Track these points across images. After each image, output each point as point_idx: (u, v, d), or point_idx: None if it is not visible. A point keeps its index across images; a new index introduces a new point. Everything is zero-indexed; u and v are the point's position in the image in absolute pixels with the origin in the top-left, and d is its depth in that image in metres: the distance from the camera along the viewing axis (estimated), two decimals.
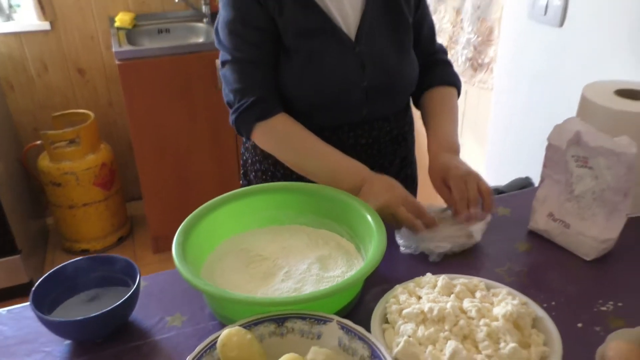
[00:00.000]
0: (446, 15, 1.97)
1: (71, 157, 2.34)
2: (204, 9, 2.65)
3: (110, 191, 2.50)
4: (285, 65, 1.04)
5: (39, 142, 2.40)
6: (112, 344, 0.80)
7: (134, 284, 0.81)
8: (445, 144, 1.05)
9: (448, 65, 1.17)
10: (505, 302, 0.72)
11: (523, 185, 1.35)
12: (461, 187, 0.98)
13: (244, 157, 1.26)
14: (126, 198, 2.80)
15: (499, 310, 0.71)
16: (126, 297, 0.78)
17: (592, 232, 0.95)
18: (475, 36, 1.80)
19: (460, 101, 1.98)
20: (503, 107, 1.66)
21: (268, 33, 1.03)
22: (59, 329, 0.77)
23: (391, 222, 0.94)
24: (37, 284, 0.81)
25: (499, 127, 1.71)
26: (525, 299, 0.76)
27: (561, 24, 1.35)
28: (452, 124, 1.10)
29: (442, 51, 1.18)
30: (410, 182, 1.26)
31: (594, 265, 0.95)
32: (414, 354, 0.67)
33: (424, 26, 1.13)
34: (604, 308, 0.85)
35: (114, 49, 2.22)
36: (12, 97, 2.54)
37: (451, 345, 0.66)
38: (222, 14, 1.06)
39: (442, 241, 0.95)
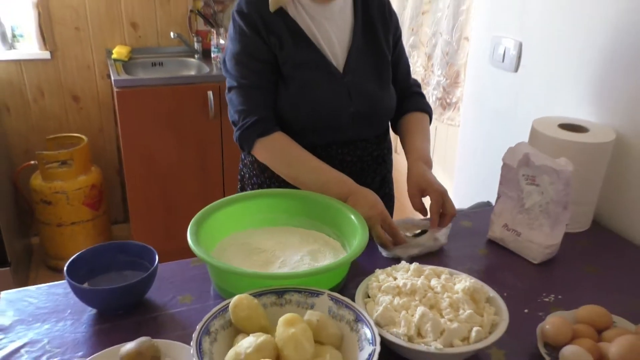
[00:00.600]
0: (419, 60, 2.21)
1: (63, 177, 2.45)
2: (196, 45, 2.85)
3: (98, 212, 2.60)
4: (283, 91, 1.22)
5: (32, 162, 2.50)
6: (132, 315, 0.92)
7: (152, 266, 0.95)
8: (422, 157, 1.23)
9: (421, 96, 1.37)
10: (465, 280, 0.89)
11: (484, 207, 1.54)
12: (439, 202, 1.15)
13: (242, 173, 1.41)
14: (111, 221, 2.89)
15: (459, 286, 0.87)
16: (147, 273, 0.92)
17: (539, 240, 1.13)
18: (444, 79, 2.03)
19: (431, 137, 2.20)
20: (468, 142, 1.87)
21: (269, 64, 1.21)
22: (89, 296, 0.90)
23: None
24: (69, 261, 0.94)
25: (464, 159, 1.91)
26: (481, 283, 0.92)
27: (516, 69, 1.58)
28: (427, 142, 1.29)
29: (417, 85, 1.39)
30: (388, 200, 1.43)
31: (540, 267, 1.13)
32: (390, 318, 0.82)
33: (400, 64, 1.33)
34: (546, 299, 1.03)
35: (112, 78, 2.38)
36: (7, 120, 2.65)
37: (420, 309, 0.81)
38: (230, 47, 1.24)
39: (413, 247, 1.13)
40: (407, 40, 2.23)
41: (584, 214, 1.30)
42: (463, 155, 1.92)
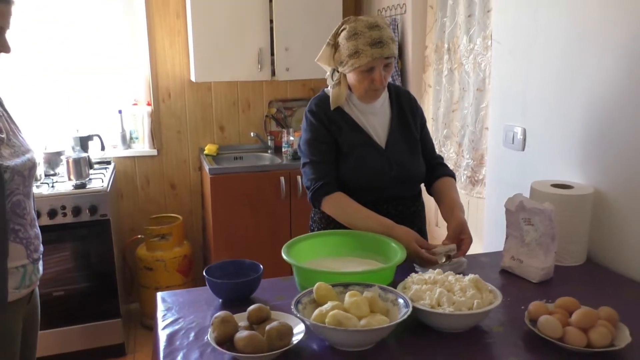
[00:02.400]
0: (452, 148, 2.71)
1: (163, 248, 3.02)
2: (270, 142, 3.50)
3: (187, 278, 3.12)
4: (343, 164, 1.72)
5: (140, 236, 3.10)
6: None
7: (258, 273, 1.42)
8: (461, 209, 1.68)
9: (446, 166, 1.85)
10: (471, 275, 1.31)
11: None
12: (469, 244, 1.60)
13: (312, 228, 1.89)
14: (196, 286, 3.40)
15: (467, 278, 1.29)
16: (257, 275, 1.40)
17: (536, 264, 1.53)
18: (472, 161, 2.50)
19: (465, 209, 2.61)
20: (492, 211, 2.28)
21: (331, 145, 1.73)
22: (220, 288, 1.37)
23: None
24: (206, 268, 1.43)
25: (491, 226, 2.31)
26: (488, 283, 1.33)
27: (523, 149, 2.04)
28: (458, 196, 1.74)
29: (441, 158, 1.87)
30: None
31: (538, 285, 1.52)
32: (419, 296, 1.24)
33: (426, 142, 1.82)
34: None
35: (207, 167, 3.01)
36: (120, 203, 3.31)
37: (438, 290, 1.24)
38: (303, 135, 1.78)
39: (443, 267, 1.53)
40: (441, 132, 2.76)
41: (577, 251, 1.68)
42: (489, 222, 2.32)
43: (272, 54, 3.17)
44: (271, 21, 3.13)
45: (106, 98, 3.27)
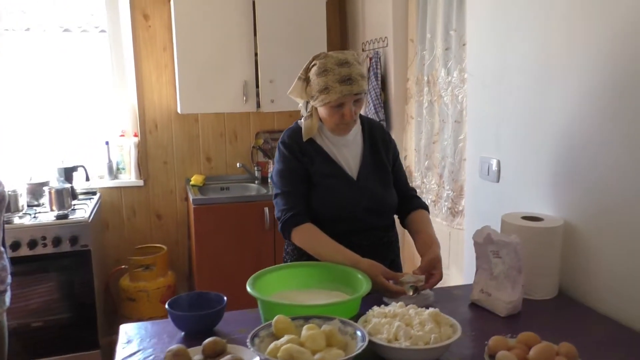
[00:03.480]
0: (433, 179, 2.72)
1: (146, 278, 3.00)
2: (257, 173, 3.52)
3: None
4: (314, 194, 1.73)
5: (123, 266, 3.09)
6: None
7: (222, 304, 1.42)
8: (433, 241, 1.68)
9: (419, 198, 1.86)
10: (431, 309, 1.30)
11: None
12: (439, 278, 1.59)
13: (285, 259, 1.89)
14: None
15: (426, 312, 1.28)
16: (220, 307, 1.39)
17: (503, 297, 1.52)
18: (452, 192, 2.51)
19: (446, 240, 2.61)
20: (471, 242, 2.28)
21: (303, 176, 1.74)
22: (181, 320, 1.36)
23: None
24: (168, 301, 1.42)
25: (471, 257, 2.30)
26: (449, 317, 1.32)
27: (498, 180, 2.05)
28: (432, 230, 1.75)
29: (414, 190, 1.88)
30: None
31: (506, 319, 1.50)
32: (378, 330, 1.23)
33: (399, 173, 1.84)
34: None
35: (191, 198, 3.02)
36: (106, 234, 3.31)
37: (397, 323, 1.23)
38: (276, 166, 1.79)
39: (411, 299, 1.53)
40: (423, 163, 2.77)
41: (547, 284, 1.66)
42: (469, 254, 2.31)
43: (257, 86, 3.21)
44: (256, 54, 3.19)
45: (93, 129, 3.31)
